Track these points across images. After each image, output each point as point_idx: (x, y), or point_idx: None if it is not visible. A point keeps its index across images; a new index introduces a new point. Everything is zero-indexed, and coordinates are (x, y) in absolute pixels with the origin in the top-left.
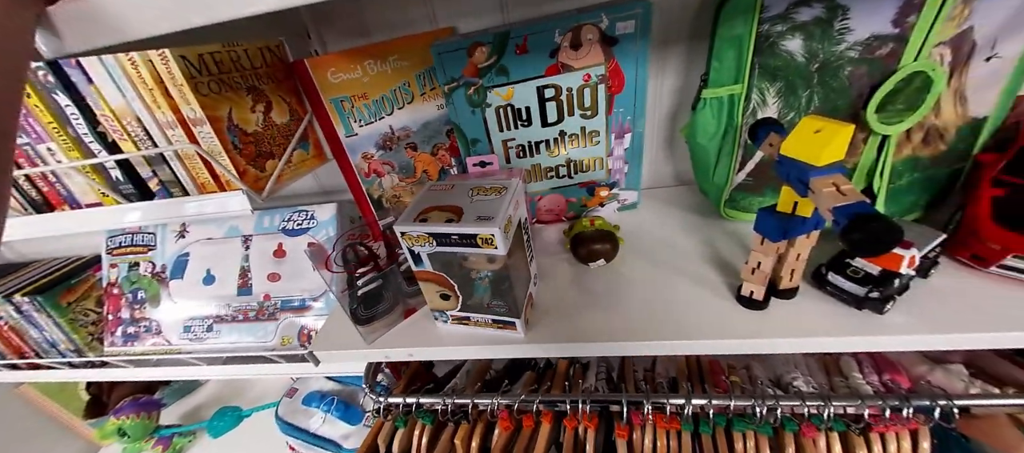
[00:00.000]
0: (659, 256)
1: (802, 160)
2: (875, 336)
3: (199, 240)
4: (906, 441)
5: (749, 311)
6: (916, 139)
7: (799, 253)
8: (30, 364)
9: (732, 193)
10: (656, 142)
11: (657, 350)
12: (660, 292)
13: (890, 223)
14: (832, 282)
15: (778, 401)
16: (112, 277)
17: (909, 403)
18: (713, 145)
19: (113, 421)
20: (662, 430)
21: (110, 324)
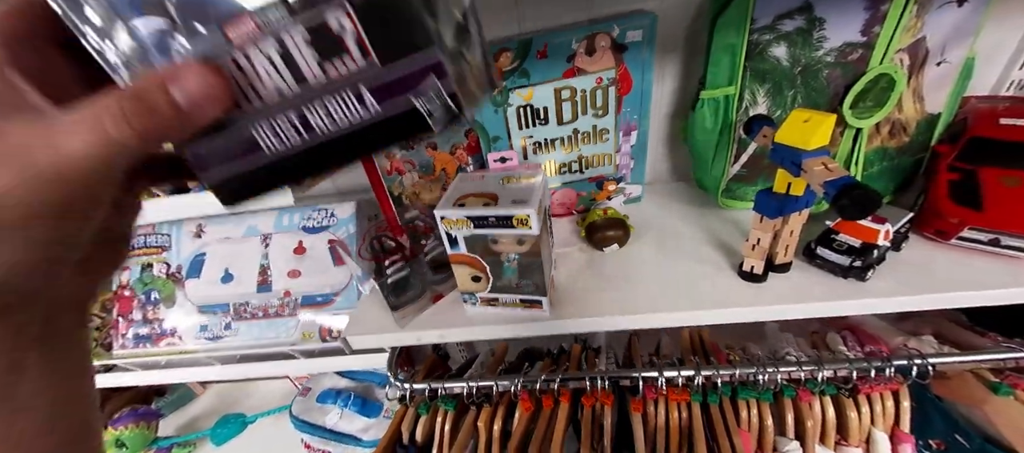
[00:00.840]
0: (665, 242)
1: (794, 146)
2: (860, 300)
3: (217, 240)
4: (889, 401)
5: (750, 284)
6: (884, 132)
7: (792, 230)
8: None
9: (728, 184)
10: (657, 141)
11: (672, 322)
12: (669, 272)
13: (870, 190)
14: (821, 255)
15: (778, 368)
16: (124, 279)
17: (891, 363)
18: (711, 140)
19: (111, 431)
20: (673, 402)
21: (120, 327)
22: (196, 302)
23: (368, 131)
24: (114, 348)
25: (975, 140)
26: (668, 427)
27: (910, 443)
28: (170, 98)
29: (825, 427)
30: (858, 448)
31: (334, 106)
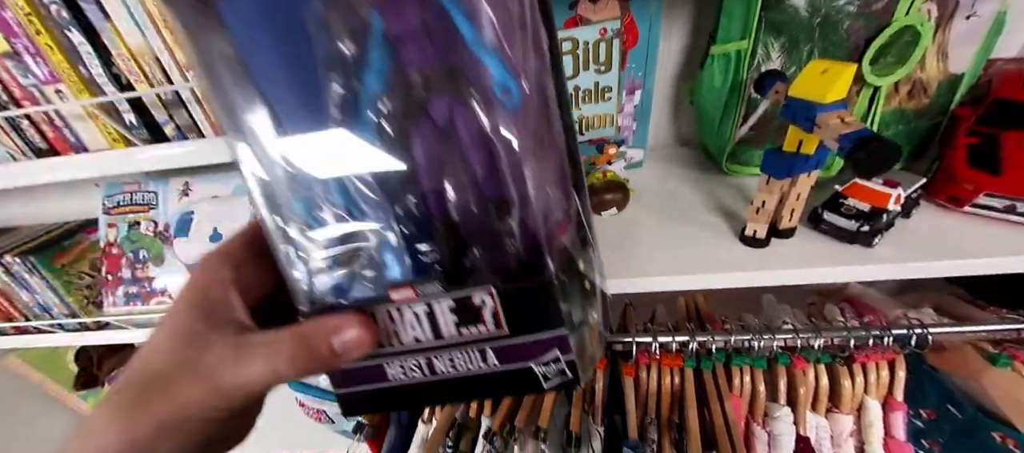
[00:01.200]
0: (666, 207)
1: (809, 99)
2: (866, 266)
3: (205, 199)
4: (884, 370)
5: (752, 249)
6: (903, 92)
7: (800, 192)
8: (17, 327)
9: (735, 147)
10: (661, 103)
11: (670, 286)
12: (670, 237)
13: (889, 142)
14: (827, 220)
15: (774, 335)
16: (111, 237)
17: (890, 332)
18: (719, 100)
19: (109, 388)
20: (666, 367)
21: (109, 284)
22: (185, 261)
23: (483, 379)
24: (105, 306)
25: (999, 102)
26: (660, 392)
27: (902, 411)
28: (330, 345)
29: (817, 394)
30: (849, 415)
31: (459, 357)
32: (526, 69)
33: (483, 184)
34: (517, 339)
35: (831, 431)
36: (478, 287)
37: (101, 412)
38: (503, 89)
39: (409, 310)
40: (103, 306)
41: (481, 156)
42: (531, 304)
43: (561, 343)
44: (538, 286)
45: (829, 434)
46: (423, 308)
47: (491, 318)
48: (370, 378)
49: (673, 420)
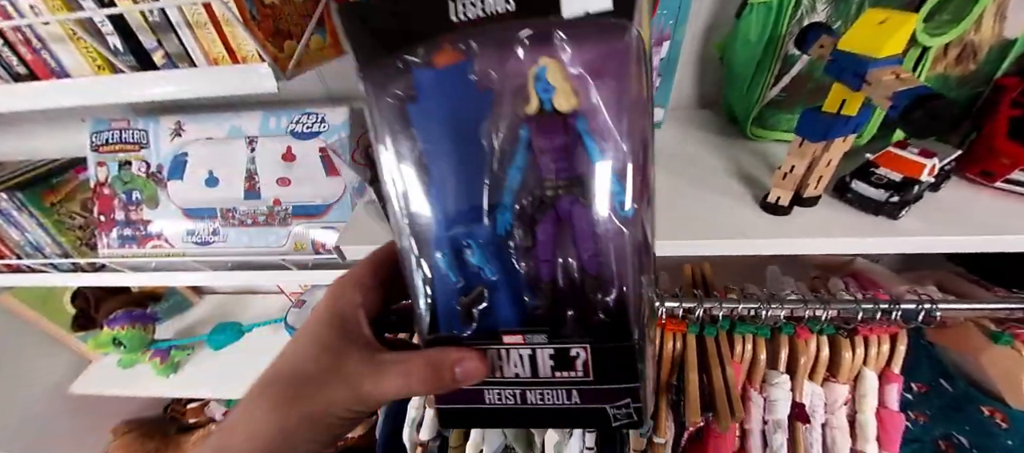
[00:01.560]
0: (684, 171)
1: (862, 53)
2: (889, 238)
3: (198, 140)
4: (886, 344)
5: (772, 217)
6: (951, 55)
7: (831, 158)
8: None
9: (762, 110)
10: (686, 60)
11: (683, 250)
12: (685, 200)
13: (950, 101)
14: (855, 189)
15: (782, 304)
16: (101, 176)
17: (898, 307)
18: (753, 56)
19: (107, 331)
20: (669, 332)
21: (103, 226)
22: (180, 205)
23: (565, 412)
24: (99, 248)
25: None
26: (661, 355)
27: (898, 383)
28: (453, 373)
29: (817, 364)
30: (845, 385)
31: (549, 393)
32: (640, 191)
33: (587, 265)
34: (600, 386)
35: (826, 399)
36: (576, 342)
37: (258, 403)
38: (619, 203)
39: (516, 351)
40: (97, 248)
41: (588, 245)
42: (616, 361)
43: (634, 393)
44: (625, 348)
45: (823, 401)
46: (527, 352)
47: (582, 367)
48: (469, 400)
49: (671, 383)
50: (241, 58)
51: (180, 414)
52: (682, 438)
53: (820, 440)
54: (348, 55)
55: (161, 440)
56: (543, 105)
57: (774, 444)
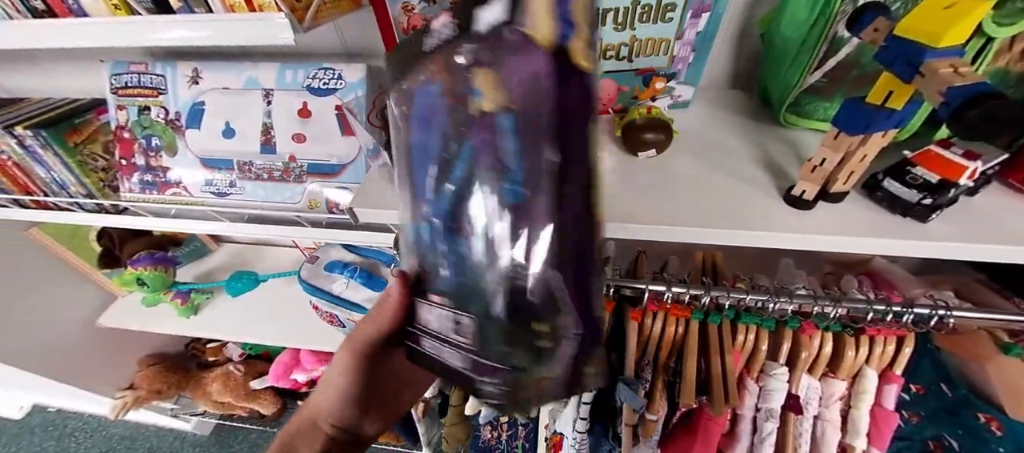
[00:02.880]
0: (708, 155)
1: (919, 40)
2: (915, 241)
3: (215, 89)
4: (891, 345)
5: (795, 210)
6: (1016, 50)
7: (867, 153)
8: (37, 202)
9: (799, 96)
10: (723, 35)
11: (699, 238)
12: (707, 187)
13: (1014, 102)
14: (886, 187)
15: (792, 298)
16: (121, 120)
17: (911, 310)
18: (797, 35)
19: (131, 270)
20: (673, 317)
21: (124, 169)
22: (198, 154)
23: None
24: (121, 191)
25: None
26: (662, 339)
27: (898, 384)
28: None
29: (818, 360)
30: (844, 381)
31: (449, 352)
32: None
33: (488, 248)
34: (479, 358)
35: (822, 393)
36: (466, 312)
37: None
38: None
39: (436, 310)
40: (119, 191)
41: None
42: (494, 338)
43: (501, 375)
44: (494, 329)
45: (819, 395)
46: (440, 311)
47: (470, 336)
48: (415, 342)
49: (669, 365)
50: (258, 6)
51: (200, 352)
52: (674, 417)
53: (809, 431)
54: (366, 8)
55: (183, 374)
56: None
57: (763, 431)
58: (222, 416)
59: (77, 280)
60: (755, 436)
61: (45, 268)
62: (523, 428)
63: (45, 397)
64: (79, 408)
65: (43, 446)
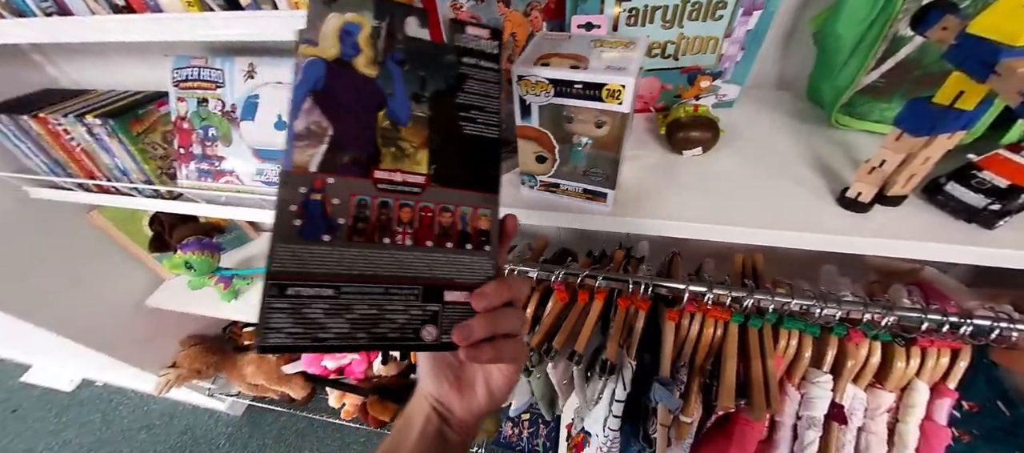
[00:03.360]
0: (755, 154)
1: (995, 39)
2: (982, 248)
3: (269, 83)
4: (945, 358)
5: (850, 213)
6: None
7: (930, 156)
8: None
9: (853, 97)
10: (773, 34)
11: (747, 238)
12: (754, 187)
13: None
14: (949, 192)
15: (839, 304)
16: (181, 111)
17: (969, 322)
18: (854, 34)
19: (180, 254)
20: (711, 319)
21: (182, 157)
22: (252, 145)
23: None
24: (178, 178)
25: None
26: (699, 340)
27: (951, 398)
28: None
29: (864, 369)
30: (892, 393)
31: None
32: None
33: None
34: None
35: (867, 404)
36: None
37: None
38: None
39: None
40: (176, 178)
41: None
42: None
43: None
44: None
45: (864, 406)
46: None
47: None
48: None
49: (705, 367)
50: None
51: (237, 336)
52: (709, 420)
53: (853, 443)
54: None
55: (221, 356)
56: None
57: (805, 439)
58: (255, 398)
59: (129, 262)
60: (796, 444)
61: (102, 250)
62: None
63: (94, 372)
64: (124, 383)
65: (90, 418)
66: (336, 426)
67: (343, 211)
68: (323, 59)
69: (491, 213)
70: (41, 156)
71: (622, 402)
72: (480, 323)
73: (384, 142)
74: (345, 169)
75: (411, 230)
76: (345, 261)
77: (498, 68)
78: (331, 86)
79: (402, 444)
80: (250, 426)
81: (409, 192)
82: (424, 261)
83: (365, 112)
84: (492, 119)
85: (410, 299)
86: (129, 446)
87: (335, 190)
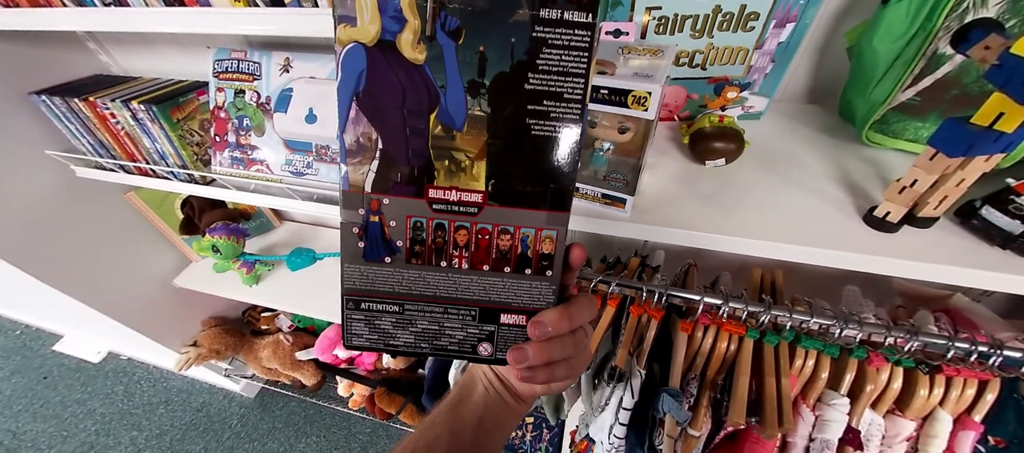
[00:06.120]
0: (781, 169)
1: None
2: (1015, 275)
3: (303, 78)
4: (971, 388)
5: (877, 232)
6: None
7: (966, 178)
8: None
9: (887, 114)
10: (805, 47)
11: (767, 252)
12: (778, 200)
13: None
14: (985, 216)
15: (861, 325)
16: (219, 101)
17: (1001, 353)
18: (891, 51)
19: (209, 238)
20: (726, 332)
21: (218, 145)
22: (283, 136)
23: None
24: (212, 164)
25: None
26: (712, 354)
27: (976, 432)
28: None
29: (884, 395)
30: (912, 422)
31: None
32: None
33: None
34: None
35: (885, 431)
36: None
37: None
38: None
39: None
40: (210, 164)
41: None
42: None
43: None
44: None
45: (882, 433)
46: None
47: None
48: None
49: (717, 381)
50: None
51: (255, 320)
52: (718, 435)
53: None
54: None
55: (239, 338)
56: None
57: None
58: (268, 381)
59: (160, 242)
60: None
61: (135, 229)
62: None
63: (120, 345)
64: (147, 358)
65: (114, 389)
66: (343, 414)
67: (400, 233)
68: (362, 44)
69: (558, 234)
70: (88, 137)
71: (629, 410)
72: (535, 350)
73: (437, 154)
74: (398, 188)
75: (467, 253)
76: (405, 283)
77: (590, 33)
78: (374, 84)
79: (467, 398)
80: (261, 408)
81: (465, 213)
82: (480, 285)
83: (414, 115)
84: (573, 111)
85: (467, 319)
86: (148, 419)
87: (391, 211)
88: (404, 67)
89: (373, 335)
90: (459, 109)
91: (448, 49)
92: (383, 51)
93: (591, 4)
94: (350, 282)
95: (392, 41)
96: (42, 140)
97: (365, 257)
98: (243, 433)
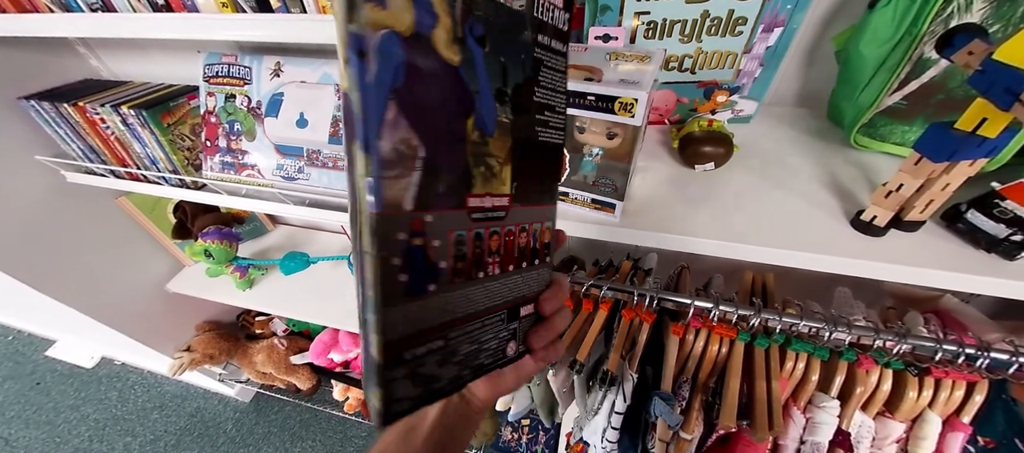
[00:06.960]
0: (769, 172)
1: (1021, 67)
2: (1001, 279)
3: (293, 82)
4: (959, 390)
5: (864, 236)
6: None
7: (950, 182)
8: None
9: (874, 118)
10: (794, 51)
11: (756, 256)
12: (766, 205)
13: None
14: (970, 220)
15: (850, 328)
16: (210, 105)
17: (987, 354)
18: (877, 55)
19: (201, 242)
20: (717, 335)
21: (208, 150)
22: (273, 141)
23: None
24: (203, 169)
25: None
26: (703, 357)
27: (965, 433)
28: None
29: (874, 397)
30: (902, 423)
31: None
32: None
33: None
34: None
35: (875, 433)
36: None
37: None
38: (482, 122)
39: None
40: (201, 169)
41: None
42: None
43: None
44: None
45: (871, 435)
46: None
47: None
48: None
49: (708, 385)
50: None
51: (249, 324)
52: (709, 438)
53: None
54: None
55: (233, 342)
56: None
57: None
58: (263, 386)
59: (153, 247)
60: None
61: (128, 234)
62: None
63: (113, 351)
64: (140, 364)
65: (107, 394)
66: (339, 419)
67: (443, 253)
68: (398, 33)
69: (552, 224)
70: (78, 142)
71: (621, 414)
72: (548, 328)
73: (474, 161)
74: (441, 200)
75: (498, 258)
76: (449, 307)
77: (566, 53)
78: (414, 79)
79: (417, 427)
80: (256, 413)
81: (495, 218)
82: (508, 286)
83: (455, 118)
84: (560, 121)
85: (499, 324)
86: (142, 424)
87: (434, 229)
88: (442, 66)
89: (417, 389)
90: (490, 115)
91: (478, 55)
92: (419, 45)
93: (564, 37)
94: (392, 331)
95: (428, 35)
96: (32, 145)
97: (409, 291)
98: (238, 438)
